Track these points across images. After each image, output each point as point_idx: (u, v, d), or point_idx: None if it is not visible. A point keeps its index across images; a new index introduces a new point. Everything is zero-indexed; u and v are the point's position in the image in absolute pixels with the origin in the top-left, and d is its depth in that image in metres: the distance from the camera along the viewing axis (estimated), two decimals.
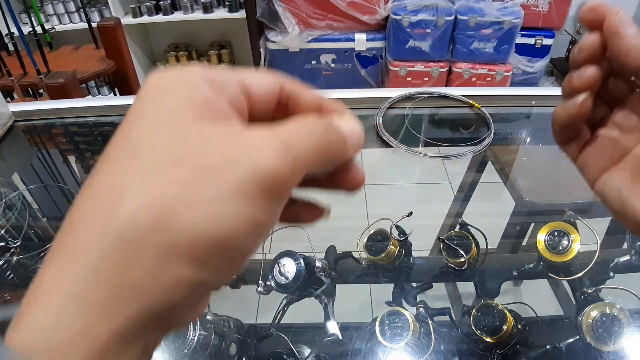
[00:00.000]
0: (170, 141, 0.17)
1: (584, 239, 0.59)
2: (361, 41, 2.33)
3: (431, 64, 2.30)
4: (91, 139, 0.96)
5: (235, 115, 0.19)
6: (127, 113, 0.18)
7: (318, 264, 0.60)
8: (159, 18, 2.50)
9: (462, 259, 0.64)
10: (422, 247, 0.78)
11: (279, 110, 0.21)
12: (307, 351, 0.56)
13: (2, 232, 0.68)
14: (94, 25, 1.73)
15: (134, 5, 2.46)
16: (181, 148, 0.17)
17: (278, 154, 0.17)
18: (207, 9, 2.46)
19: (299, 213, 0.23)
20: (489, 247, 0.67)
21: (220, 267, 0.17)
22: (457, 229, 0.69)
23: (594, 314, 0.52)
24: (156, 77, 0.19)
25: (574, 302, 0.61)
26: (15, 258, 0.66)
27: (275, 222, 0.18)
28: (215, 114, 0.18)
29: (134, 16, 2.49)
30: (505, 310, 0.55)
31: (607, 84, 0.29)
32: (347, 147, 0.20)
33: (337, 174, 0.22)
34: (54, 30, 2.09)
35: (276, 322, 0.61)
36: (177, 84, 0.18)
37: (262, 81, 0.21)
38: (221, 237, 0.16)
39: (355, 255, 0.68)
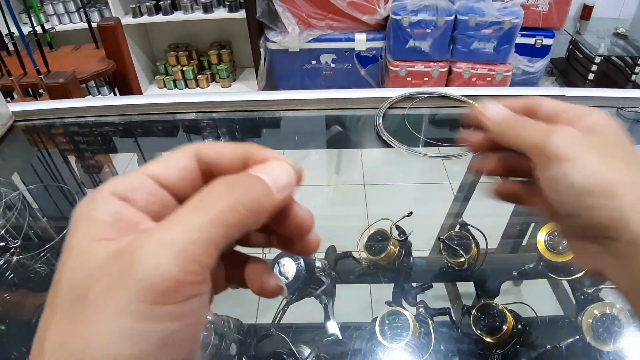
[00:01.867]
0: (74, 280, 0.18)
1: None
2: (361, 41, 2.33)
3: (431, 64, 2.30)
4: (91, 139, 0.96)
5: (148, 220, 0.19)
6: None
7: (318, 264, 0.60)
8: (159, 18, 2.50)
9: (462, 259, 0.64)
10: (422, 247, 0.78)
11: (208, 179, 0.21)
12: (307, 351, 0.56)
13: (2, 232, 0.68)
14: (94, 25, 1.73)
15: (134, 5, 2.46)
16: (82, 283, 0.17)
17: (162, 254, 0.17)
18: (207, 9, 2.46)
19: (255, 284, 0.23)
20: (489, 247, 0.67)
21: None
22: (457, 229, 0.69)
23: (594, 314, 0.52)
24: (75, 210, 0.19)
25: (574, 302, 0.61)
26: (15, 258, 0.66)
27: (188, 323, 0.18)
28: (123, 228, 0.18)
29: (134, 16, 2.49)
30: (505, 310, 0.55)
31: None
32: (270, 189, 0.20)
33: (284, 229, 0.22)
34: (54, 30, 2.09)
35: (276, 322, 0.61)
36: (85, 214, 0.19)
37: (176, 164, 0.21)
38: None
39: (355, 255, 0.68)
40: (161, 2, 2.46)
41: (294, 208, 0.22)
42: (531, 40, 2.31)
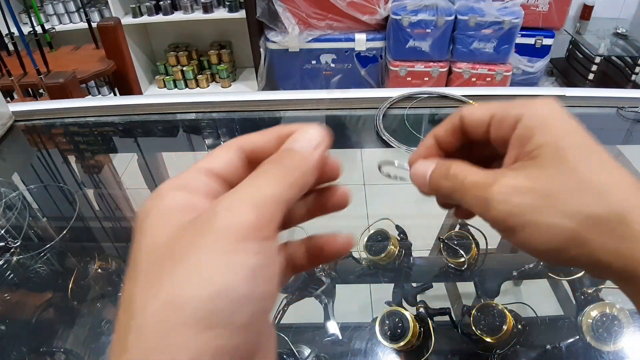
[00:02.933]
0: (155, 245, 0.20)
1: None
2: (361, 41, 2.33)
3: (431, 64, 2.30)
4: (91, 139, 0.96)
5: (212, 201, 0.22)
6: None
7: None
8: (159, 18, 2.50)
9: (462, 259, 0.64)
10: (422, 247, 0.78)
11: (252, 166, 0.23)
12: (307, 351, 0.56)
13: (2, 232, 0.68)
14: (94, 25, 1.73)
15: (134, 5, 2.46)
16: (166, 244, 0.19)
17: (240, 206, 0.20)
18: (207, 9, 2.46)
19: (325, 249, 0.25)
20: (489, 247, 0.67)
21: (236, 321, 0.18)
22: (457, 229, 0.69)
23: (594, 314, 0.52)
24: (141, 211, 0.22)
25: (574, 302, 0.61)
26: (15, 258, 0.66)
27: (270, 259, 0.20)
28: (193, 209, 0.21)
29: (134, 16, 2.49)
30: (505, 310, 0.55)
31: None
32: (304, 154, 0.22)
33: (320, 193, 0.25)
34: (54, 30, 2.09)
35: (276, 322, 0.61)
36: (154, 206, 0.21)
37: (222, 158, 0.23)
38: (220, 290, 0.18)
39: (355, 255, 0.68)
40: (161, 2, 2.46)
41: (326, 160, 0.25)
42: (531, 40, 2.31)
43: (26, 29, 1.72)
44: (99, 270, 0.67)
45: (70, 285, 0.64)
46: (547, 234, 0.22)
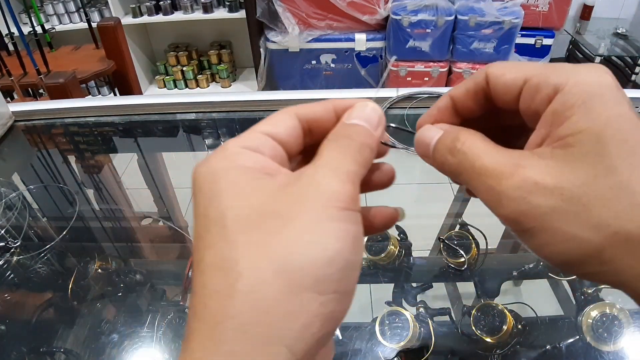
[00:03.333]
0: (252, 205, 0.19)
1: None
2: (361, 41, 2.33)
3: (431, 64, 2.30)
4: (91, 139, 0.96)
5: (280, 166, 0.21)
6: (196, 204, 0.20)
7: None
8: (159, 18, 2.50)
9: (462, 259, 0.64)
10: (422, 247, 0.78)
11: (306, 136, 0.23)
12: None
13: (2, 232, 0.68)
14: (94, 25, 1.73)
15: (134, 5, 2.46)
16: (265, 206, 0.19)
17: (336, 178, 0.20)
18: (207, 9, 2.45)
19: (374, 220, 0.25)
20: (489, 247, 0.67)
21: (343, 287, 0.18)
22: (457, 229, 0.69)
23: (594, 314, 0.52)
24: (204, 168, 0.20)
25: (574, 302, 0.61)
26: (15, 258, 0.66)
27: (362, 230, 0.20)
28: (268, 171, 0.20)
29: (134, 16, 2.49)
30: (505, 310, 0.55)
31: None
32: (370, 131, 0.22)
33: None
34: (54, 30, 2.09)
35: None
36: (225, 165, 0.20)
37: (284, 124, 0.22)
38: (333, 256, 0.18)
39: None
40: (161, 2, 2.46)
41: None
42: (531, 40, 2.31)
43: (26, 29, 1.72)
44: (99, 270, 0.67)
45: (70, 285, 0.64)
46: (567, 245, 0.19)
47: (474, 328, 0.54)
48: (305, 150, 0.24)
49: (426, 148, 0.24)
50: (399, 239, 0.67)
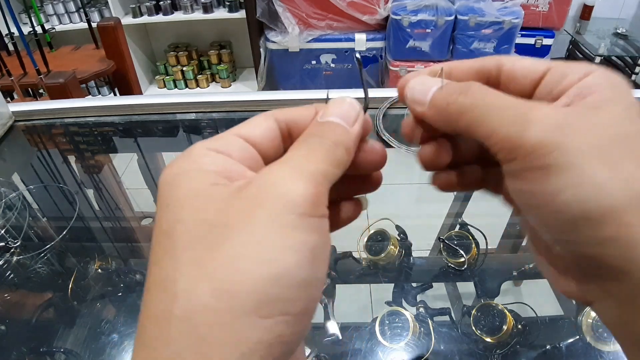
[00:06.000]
0: (200, 217, 0.17)
1: None
2: (361, 41, 2.33)
3: (431, 64, 2.29)
4: (91, 139, 0.96)
5: (247, 168, 0.20)
6: (156, 210, 0.19)
7: None
8: (159, 18, 2.50)
9: (462, 259, 0.64)
10: (422, 247, 0.78)
11: (286, 141, 0.22)
12: (307, 351, 0.56)
13: (2, 232, 0.68)
14: (94, 25, 1.73)
15: (134, 5, 2.46)
16: (213, 216, 0.17)
17: (296, 178, 0.18)
18: (207, 9, 2.45)
19: (340, 216, 0.24)
20: (489, 247, 0.67)
21: (295, 308, 0.16)
22: (457, 229, 0.69)
23: (594, 314, 0.52)
24: (168, 170, 0.19)
25: (574, 302, 0.61)
26: (15, 258, 0.66)
27: (326, 239, 0.18)
28: (232, 176, 0.19)
29: (134, 16, 2.49)
30: (505, 310, 0.55)
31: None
32: (345, 128, 0.21)
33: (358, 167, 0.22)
34: (54, 30, 2.09)
35: None
36: (187, 168, 0.19)
37: (259, 126, 0.21)
38: (281, 273, 0.16)
39: (355, 255, 0.68)
40: (161, 2, 2.46)
41: (367, 141, 0.23)
42: (531, 40, 2.31)
43: (26, 29, 1.72)
44: (99, 270, 0.67)
45: (70, 285, 0.64)
46: (594, 192, 0.17)
47: (474, 328, 0.54)
48: None
49: (422, 94, 0.22)
50: (399, 239, 0.67)
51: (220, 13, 2.48)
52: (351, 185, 0.24)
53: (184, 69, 2.71)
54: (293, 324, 0.16)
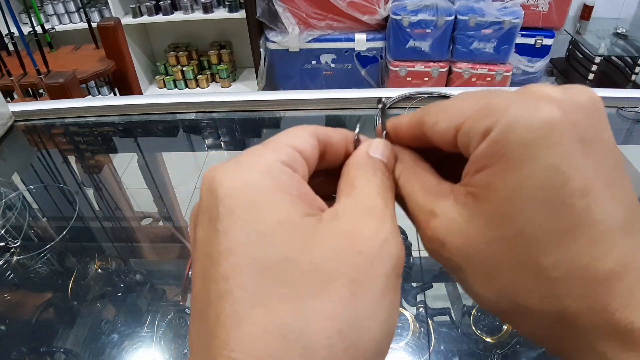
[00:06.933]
0: (306, 258, 0.16)
1: None
2: (361, 41, 2.33)
3: (431, 64, 2.30)
4: (91, 139, 0.96)
5: (315, 194, 0.18)
6: (207, 226, 0.16)
7: None
8: (159, 18, 2.50)
9: None
10: (422, 247, 0.78)
11: (320, 161, 0.21)
12: None
13: (2, 232, 0.68)
14: (94, 25, 1.73)
15: (134, 5, 2.47)
16: (318, 260, 0.16)
17: (396, 234, 0.18)
18: (207, 9, 2.46)
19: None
20: None
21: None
22: None
23: None
24: (235, 178, 0.16)
25: None
26: (15, 258, 0.66)
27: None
28: (309, 202, 0.17)
29: (134, 16, 2.49)
30: None
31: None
32: (389, 168, 0.21)
33: None
34: (54, 30, 2.09)
35: None
36: (265, 185, 0.16)
37: (307, 142, 0.19)
38: (391, 330, 0.16)
39: None
40: (161, 2, 2.46)
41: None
42: (531, 40, 2.31)
43: (26, 29, 1.72)
44: (99, 270, 0.67)
45: (70, 285, 0.64)
46: (479, 299, 0.19)
47: (474, 328, 0.54)
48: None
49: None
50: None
51: (220, 13, 2.48)
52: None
53: (184, 69, 2.72)
54: None
